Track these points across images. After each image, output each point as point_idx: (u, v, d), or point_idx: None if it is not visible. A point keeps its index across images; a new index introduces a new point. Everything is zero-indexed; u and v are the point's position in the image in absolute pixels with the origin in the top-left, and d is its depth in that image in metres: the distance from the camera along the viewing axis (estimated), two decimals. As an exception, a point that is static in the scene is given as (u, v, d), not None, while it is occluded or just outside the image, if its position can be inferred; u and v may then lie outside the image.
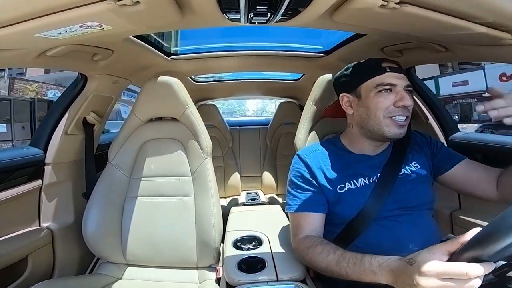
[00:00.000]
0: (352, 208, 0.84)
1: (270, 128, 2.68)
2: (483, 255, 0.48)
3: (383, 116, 0.83)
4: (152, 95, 1.23)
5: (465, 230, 0.52)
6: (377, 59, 0.89)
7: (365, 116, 0.87)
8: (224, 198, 2.54)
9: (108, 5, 0.62)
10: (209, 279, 1.12)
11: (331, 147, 0.96)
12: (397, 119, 0.83)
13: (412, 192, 0.87)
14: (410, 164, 0.91)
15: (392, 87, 0.83)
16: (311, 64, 1.73)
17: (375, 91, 0.84)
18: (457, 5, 0.64)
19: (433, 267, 0.51)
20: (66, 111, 1.28)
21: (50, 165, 1.25)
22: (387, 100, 0.83)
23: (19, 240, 1.10)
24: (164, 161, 1.24)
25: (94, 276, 1.20)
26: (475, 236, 0.50)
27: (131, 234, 1.20)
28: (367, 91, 0.86)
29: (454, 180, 0.91)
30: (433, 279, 0.51)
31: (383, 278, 0.62)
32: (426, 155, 0.94)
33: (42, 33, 0.71)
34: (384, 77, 0.83)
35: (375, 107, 0.84)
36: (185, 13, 0.77)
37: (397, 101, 0.82)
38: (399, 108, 0.82)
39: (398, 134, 0.84)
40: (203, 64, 1.75)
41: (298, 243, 0.85)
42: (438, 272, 0.50)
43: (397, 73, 0.84)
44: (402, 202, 0.85)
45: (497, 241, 0.45)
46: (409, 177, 0.88)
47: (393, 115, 0.83)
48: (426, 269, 0.51)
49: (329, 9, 0.73)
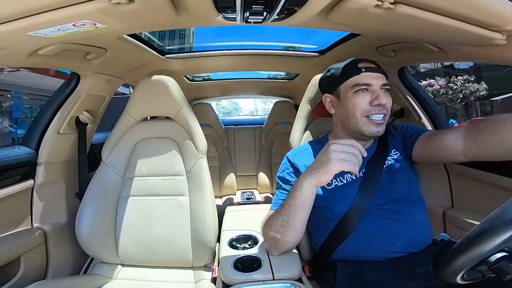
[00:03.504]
0: (343, 202, 0.87)
1: (265, 127, 2.68)
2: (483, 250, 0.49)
3: (360, 116, 0.87)
4: (146, 94, 1.22)
5: (457, 229, 0.54)
6: (355, 59, 0.93)
7: (345, 115, 0.91)
8: (220, 197, 2.53)
9: (102, 3, 0.61)
10: (204, 278, 1.12)
11: (319, 146, 0.98)
12: (374, 117, 0.86)
13: (398, 182, 0.89)
14: (391, 154, 0.94)
15: (368, 86, 0.87)
16: (306, 64, 1.73)
17: (352, 91, 0.88)
18: (450, 6, 0.65)
19: (336, 142, 0.74)
20: (58, 110, 1.26)
21: (42, 165, 1.23)
22: (363, 100, 0.87)
23: (11, 240, 1.08)
24: (158, 160, 1.24)
25: (88, 276, 1.19)
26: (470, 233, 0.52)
27: (125, 234, 1.19)
28: (345, 91, 0.90)
29: (427, 151, 0.90)
30: (337, 148, 0.72)
31: (306, 184, 0.76)
32: (398, 141, 0.97)
33: (34, 31, 0.70)
34: (360, 78, 0.87)
35: (352, 106, 0.88)
36: (180, 12, 0.76)
37: (373, 100, 0.86)
38: (375, 107, 0.86)
39: (376, 132, 0.88)
40: (197, 63, 1.74)
41: None
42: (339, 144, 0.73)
43: (373, 73, 0.88)
44: (391, 195, 0.87)
45: None
46: (393, 167, 0.91)
47: (370, 114, 0.87)
48: (332, 148, 0.72)
49: (324, 8, 0.73)
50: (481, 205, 1.10)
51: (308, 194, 0.77)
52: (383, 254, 0.83)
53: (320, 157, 0.75)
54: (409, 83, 1.35)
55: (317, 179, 0.74)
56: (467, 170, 1.14)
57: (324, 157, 0.73)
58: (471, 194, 1.16)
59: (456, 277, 0.59)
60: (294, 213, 0.79)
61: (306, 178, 0.76)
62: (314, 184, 0.76)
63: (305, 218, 0.81)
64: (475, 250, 0.51)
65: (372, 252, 0.83)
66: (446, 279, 0.62)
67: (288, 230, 0.82)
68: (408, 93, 1.34)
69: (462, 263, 0.56)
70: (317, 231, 0.94)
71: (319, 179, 0.74)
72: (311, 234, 0.99)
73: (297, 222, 0.80)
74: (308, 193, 0.77)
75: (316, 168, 0.74)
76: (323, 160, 0.73)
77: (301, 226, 0.82)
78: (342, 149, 0.72)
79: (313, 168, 0.76)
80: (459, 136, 0.80)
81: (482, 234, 0.50)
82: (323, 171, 0.73)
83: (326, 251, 0.90)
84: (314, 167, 0.76)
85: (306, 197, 0.77)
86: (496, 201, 0.54)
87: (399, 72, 1.33)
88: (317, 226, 0.94)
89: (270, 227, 0.86)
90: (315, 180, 0.75)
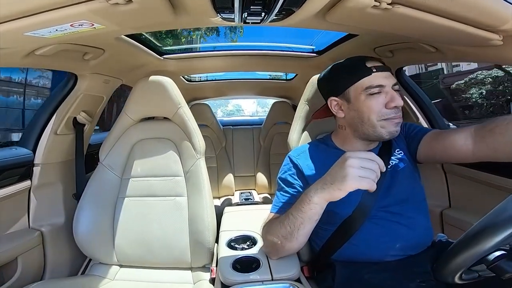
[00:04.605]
0: (348, 205, 0.84)
1: (264, 127, 2.69)
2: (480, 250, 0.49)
3: (377, 120, 0.82)
4: (144, 95, 1.21)
5: (455, 229, 0.54)
6: (360, 58, 0.86)
7: (358, 120, 0.85)
8: (218, 198, 2.53)
9: (100, 4, 0.61)
10: (203, 279, 1.11)
11: (323, 146, 0.97)
12: (392, 117, 0.82)
13: (403, 182, 0.87)
14: (394, 153, 0.92)
15: (381, 88, 0.81)
16: (304, 64, 1.73)
17: (365, 94, 0.82)
18: (447, 6, 0.66)
19: (353, 156, 0.67)
20: (56, 110, 1.25)
21: (39, 166, 1.23)
22: (378, 103, 0.81)
23: (8, 241, 1.08)
24: (156, 161, 1.23)
25: (86, 277, 1.18)
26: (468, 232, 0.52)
27: (123, 234, 1.19)
28: (356, 94, 0.84)
29: (433, 151, 0.87)
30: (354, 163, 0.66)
31: (317, 199, 0.71)
32: (402, 140, 0.95)
33: (32, 32, 0.70)
34: (372, 79, 0.81)
35: (368, 111, 0.82)
36: (179, 12, 0.76)
37: (389, 102, 0.81)
38: (391, 109, 0.81)
39: (395, 132, 0.83)
40: (195, 64, 1.74)
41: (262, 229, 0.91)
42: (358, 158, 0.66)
43: (383, 72, 0.82)
44: (395, 195, 0.85)
45: None
46: (397, 167, 0.89)
47: (387, 117, 0.81)
48: (349, 163, 0.66)
49: (322, 9, 0.73)
50: (478, 205, 1.10)
51: (317, 209, 0.72)
52: (384, 256, 0.82)
53: (335, 171, 0.69)
54: (407, 83, 1.36)
55: (329, 195, 0.69)
56: (465, 170, 1.15)
57: (340, 172, 0.67)
58: (468, 194, 1.16)
59: (455, 276, 0.59)
60: (300, 225, 0.75)
61: (318, 193, 0.71)
62: (325, 199, 0.71)
63: (310, 231, 0.78)
64: (474, 248, 0.51)
65: (373, 253, 0.83)
66: (445, 279, 0.62)
67: (291, 242, 0.79)
68: (406, 94, 1.35)
69: (461, 262, 0.56)
70: (319, 232, 0.92)
71: (332, 195, 0.69)
72: (312, 235, 0.98)
73: (301, 234, 0.77)
74: (317, 208, 0.72)
75: (330, 183, 0.69)
76: (337, 176, 0.67)
77: (305, 237, 0.80)
78: (360, 164, 0.66)
79: (326, 183, 0.70)
80: (468, 136, 0.77)
81: (481, 232, 0.50)
82: (337, 188, 0.67)
83: (326, 253, 0.89)
84: (327, 182, 0.70)
85: (315, 212, 0.73)
86: (494, 201, 0.54)
87: (397, 73, 1.33)
88: (319, 228, 0.93)
89: (271, 234, 0.83)
90: (327, 195, 0.70)
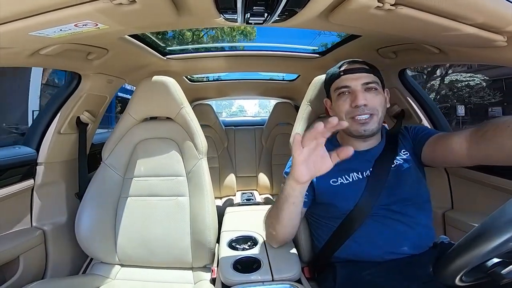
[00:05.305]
0: (348, 199, 0.86)
1: (266, 128, 2.68)
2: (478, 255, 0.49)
3: (345, 118, 0.88)
4: (147, 95, 1.22)
5: (457, 231, 0.54)
6: (341, 63, 0.95)
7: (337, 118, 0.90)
8: (219, 198, 2.53)
9: (104, 4, 0.61)
10: (204, 279, 1.11)
11: (327, 144, 0.97)
12: (358, 118, 0.87)
13: (406, 182, 0.88)
14: (400, 153, 0.93)
15: (348, 89, 0.88)
16: (307, 65, 1.73)
17: (335, 95, 0.92)
18: (451, 7, 0.65)
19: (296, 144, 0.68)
20: (59, 110, 1.26)
21: (42, 165, 1.24)
22: (345, 103, 0.89)
23: (10, 240, 1.08)
24: (158, 161, 1.24)
25: (87, 276, 1.19)
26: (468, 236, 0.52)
27: (125, 234, 1.19)
28: (333, 96, 0.94)
29: (434, 154, 0.87)
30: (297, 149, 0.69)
31: (292, 182, 0.74)
32: (409, 141, 0.96)
33: (36, 32, 0.70)
34: (339, 81, 0.91)
35: (338, 110, 0.91)
36: (182, 13, 0.77)
37: (352, 101, 0.87)
38: (355, 108, 0.86)
39: (362, 131, 0.88)
40: (198, 64, 1.74)
41: None
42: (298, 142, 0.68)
43: (352, 74, 0.89)
44: (398, 195, 0.86)
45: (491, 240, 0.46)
46: (402, 167, 0.90)
47: (353, 115, 0.87)
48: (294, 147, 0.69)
49: (325, 10, 0.73)
50: (481, 206, 1.10)
51: (288, 190, 0.77)
52: (384, 255, 0.82)
53: None
54: (410, 84, 1.35)
55: (292, 176, 0.73)
56: (467, 172, 1.14)
57: None
58: (471, 195, 1.15)
59: (455, 278, 0.59)
60: (282, 206, 0.80)
61: (289, 175, 0.75)
62: (294, 180, 0.74)
63: (290, 215, 0.81)
64: (474, 251, 0.51)
65: (373, 252, 0.83)
66: (445, 280, 0.62)
67: (278, 223, 0.85)
68: (409, 95, 1.34)
69: (461, 264, 0.56)
70: (321, 229, 0.94)
71: (294, 177, 0.73)
72: (314, 232, 0.99)
73: (283, 217, 0.82)
74: (288, 188, 0.77)
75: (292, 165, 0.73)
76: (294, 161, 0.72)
77: (288, 221, 0.83)
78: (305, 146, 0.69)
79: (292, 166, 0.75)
80: (463, 140, 0.76)
81: (482, 235, 0.50)
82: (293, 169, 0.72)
83: (328, 251, 0.90)
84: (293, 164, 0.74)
85: (287, 193, 0.78)
86: (496, 203, 0.53)
87: (400, 74, 1.33)
88: (321, 224, 0.94)
89: (267, 218, 0.92)
90: (291, 176, 0.74)
